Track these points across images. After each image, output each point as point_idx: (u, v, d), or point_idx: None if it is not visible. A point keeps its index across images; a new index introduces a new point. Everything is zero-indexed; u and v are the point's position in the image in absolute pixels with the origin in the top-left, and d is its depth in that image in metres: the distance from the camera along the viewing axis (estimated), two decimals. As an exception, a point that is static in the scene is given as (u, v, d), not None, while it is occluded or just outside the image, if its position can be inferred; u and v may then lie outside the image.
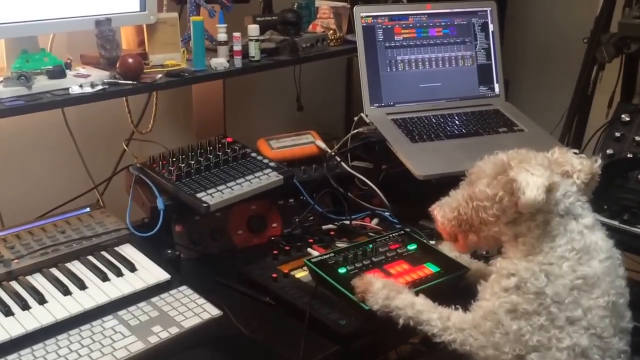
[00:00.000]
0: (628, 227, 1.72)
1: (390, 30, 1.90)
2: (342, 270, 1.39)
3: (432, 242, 1.58)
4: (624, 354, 1.15)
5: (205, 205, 1.53)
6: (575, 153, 1.23)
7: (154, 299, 1.39)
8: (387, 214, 1.78)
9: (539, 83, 2.60)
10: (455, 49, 1.98)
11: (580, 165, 1.19)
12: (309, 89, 2.30)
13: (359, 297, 1.29)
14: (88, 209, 1.63)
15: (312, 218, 1.77)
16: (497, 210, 1.19)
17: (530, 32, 2.68)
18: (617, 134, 2.02)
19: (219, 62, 1.70)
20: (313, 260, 1.42)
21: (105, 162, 1.94)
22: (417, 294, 1.28)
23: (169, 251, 1.56)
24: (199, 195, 1.56)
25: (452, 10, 1.97)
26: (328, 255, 1.44)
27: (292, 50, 1.82)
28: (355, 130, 1.81)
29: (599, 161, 1.21)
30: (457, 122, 1.88)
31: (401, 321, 1.24)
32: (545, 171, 1.14)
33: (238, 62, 1.75)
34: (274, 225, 1.74)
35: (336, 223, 1.74)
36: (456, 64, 1.98)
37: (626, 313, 1.17)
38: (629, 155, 1.97)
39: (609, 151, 2.02)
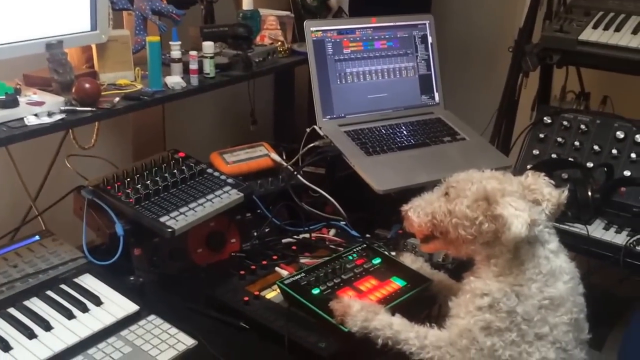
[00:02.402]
0: (557, 224, 1.87)
1: (339, 43, 1.93)
2: (315, 291, 1.43)
3: (393, 254, 1.65)
4: (584, 362, 1.28)
5: (170, 230, 1.51)
6: (544, 179, 1.32)
7: (123, 333, 1.35)
8: (343, 223, 1.83)
9: (464, 88, 2.72)
10: (399, 61, 2.04)
11: (549, 195, 1.29)
12: (237, 99, 2.27)
13: (338, 320, 1.33)
14: (38, 237, 1.54)
15: (268, 230, 1.79)
16: (475, 232, 1.27)
17: (453, 41, 2.79)
18: (541, 135, 2.16)
19: (176, 81, 1.66)
20: (286, 282, 1.44)
21: (47, 181, 1.85)
22: (393, 313, 1.34)
23: (132, 278, 1.53)
24: (162, 219, 1.53)
25: (395, 24, 2.03)
26: (299, 276, 1.47)
27: (246, 66, 1.80)
28: (312, 144, 1.84)
29: (566, 192, 1.31)
30: (404, 132, 1.95)
31: (380, 341, 1.29)
32: (526, 205, 1.22)
33: (194, 80, 1.71)
34: (233, 240, 1.74)
35: (295, 237, 1.76)
36: (400, 74, 2.04)
37: (585, 326, 1.30)
38: (553, 156, 2.13)
39: (534, 151, 2.16)
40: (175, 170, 1.70)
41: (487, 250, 1.27)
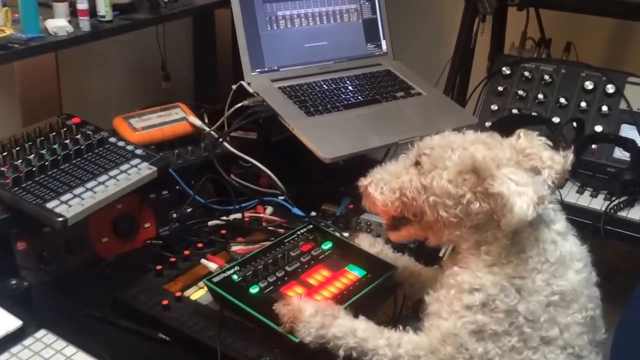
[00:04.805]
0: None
1: (269, -21, 1.59)
2: (254, 290, 1.13)
3: (346, 235, 1.37)
4: (599, 368, 1.05)
5: (60, 219, 1.17)
6: (540, 140, 1.06)
7: (1, 358, 1.04)
8: (281, 198, 1.53)
9: (411, 35, 2.45)
10: (340, 2, 1.72)
11: (551, 161, 1.02)
12: (146, 49, 1.90)
13: (286, 328, 1.04)
14: None
15: (190, 211, 1.48)
16: (461, 213, 0.99)
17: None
18: (500, 88, 1.96)
19: (60, 25, 1.29)
20: (215, 280, 1.14)
21: None
22: (355, 313, 1.07)
23: (14, 282, 1.18)
24: (49, 205, 1.19)
25: (334, -45, 1.71)
26: (232, 270, 1.17)
27: (152, 7, 1.44)
28: (240, 104, 1.51)
29: (571, 156, 1.05)
30: (350, 87, 1.65)
31: (341, 352, 1.02)
32: (529, 178, 0.96)
33: (85, 24, 1.35)
34: (147, 225, 1.42)
35: (225, 218, 1.45)
36: (341, 19, 1.73)
37: (601, 324, 1.06)
38: (514, 111, 1.92)
39: (493, 107, 1.96)
40: (67, 141, 1.35)
41: (477, 236, 1.00)
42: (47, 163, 1.27)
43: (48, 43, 1.29)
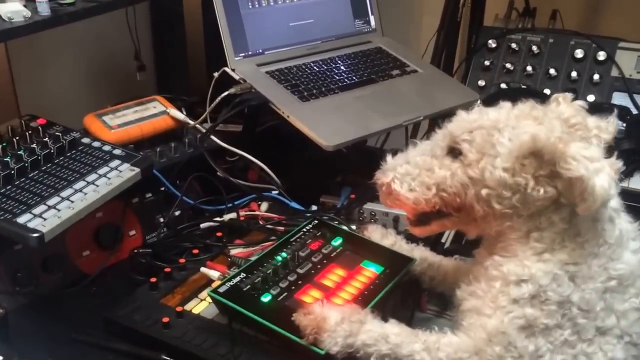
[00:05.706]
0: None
1: (246, -50, 1.45)
2: (266, 299, 1.00)
3: (354, 229, 1.25)
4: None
5: (35, 235, 1.02)
6: (580, 106, 0.95)
7: (-20, 400, 0.90)
8: (276, 192, 1.40)
9: (393, 9, 2.33)
10: (323, -26, 1.60)
11: (597, 129, 0.92)
12: (117, 37, 1.73)
13: (310, 339, 0.92)
14: None
15: (179, 214, 1.34)
16: (518, 202, 0.87)
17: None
18: (486, 63, 1.87)
19: (14, 9, 1.13)
20: (222, 290, 1.01)
21: None
22: (383, 316, 0.95)
23: (-14, 309, 1.04)
24: (21, 220, 1.04)
25: None
26: (238, 278, 1.04)
27: (121, -13, 1.29)
28: (226, 93, 1.36)
29: (615, 122, 0.94)
30: (342, 68, 1.52)
31: (373, 361, 0.90)
32: (599, 151, 0.84)
33: (44, 7, 1.19)
34: (132, 232, 1.28)
35: (217, 219, 1.31)
36: (326, -7, 1.60)
37: None
38: (502, 86, 1.84)
39: (480, 82, 1.87)
40: (33, 145, 1.19)
41: (529, 224, 0.89)
42: (12, 172, 1.12)
43: (2, 31, 1.13)
